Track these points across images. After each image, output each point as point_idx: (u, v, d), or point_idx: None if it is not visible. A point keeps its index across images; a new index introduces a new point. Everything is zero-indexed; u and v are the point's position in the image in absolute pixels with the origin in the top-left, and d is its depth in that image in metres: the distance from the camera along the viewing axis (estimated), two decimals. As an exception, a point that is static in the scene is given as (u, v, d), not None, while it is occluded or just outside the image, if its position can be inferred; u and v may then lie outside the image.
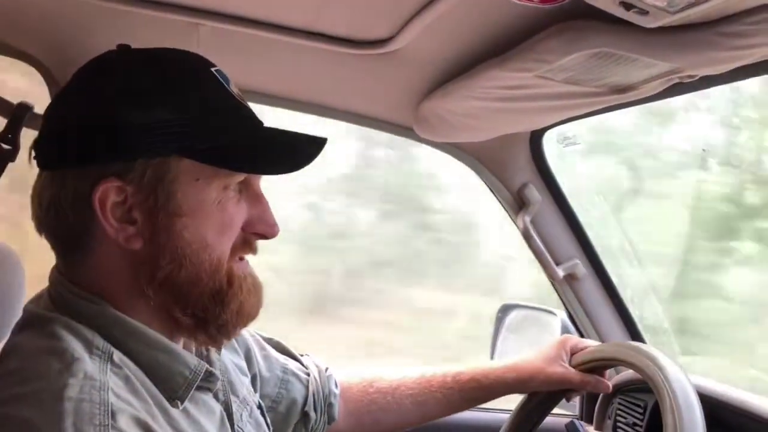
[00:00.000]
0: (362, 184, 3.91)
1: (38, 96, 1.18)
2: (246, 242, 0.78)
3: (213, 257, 0.73)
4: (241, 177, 0.75)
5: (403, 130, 1.38)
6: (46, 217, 0.73)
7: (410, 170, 3.89)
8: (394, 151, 3.67)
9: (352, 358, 3.35)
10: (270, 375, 1.03)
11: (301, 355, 1.13)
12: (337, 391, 1.11)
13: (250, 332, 1.04)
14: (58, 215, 0.72)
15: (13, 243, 0.95)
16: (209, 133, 0.73)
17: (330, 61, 1.16)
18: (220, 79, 0.76)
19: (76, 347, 0.67)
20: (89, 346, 0.67)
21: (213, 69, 0.77)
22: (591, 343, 1.18)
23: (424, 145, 1.44)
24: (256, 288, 0.79)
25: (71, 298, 0.72)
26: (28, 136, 1.06)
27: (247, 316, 0.78)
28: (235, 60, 1.19)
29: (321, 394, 1.08)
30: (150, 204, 0.71)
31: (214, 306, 0.75)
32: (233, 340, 0.96)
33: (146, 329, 0.73)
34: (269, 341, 1.08)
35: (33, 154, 0.75)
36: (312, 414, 1.06)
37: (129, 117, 0.70)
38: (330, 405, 1.09)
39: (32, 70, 1.20)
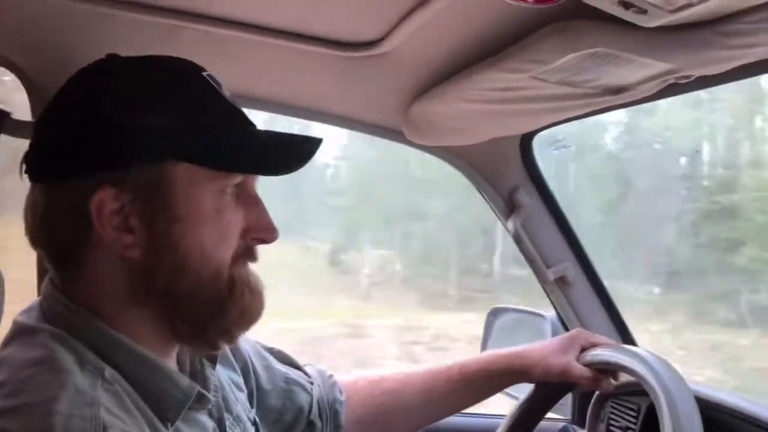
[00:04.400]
0: None
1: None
2: (247, 250, 0.76)
3: (212, 266, 0.72)
4: (237, 179, 0.74)
5: (392, 134, 1.36)
6: (40, 230, 0.72)
7: None
8: None
9: None
10: (272, 387, 1.01)
11: (304, 365, 1.11)
12: (342, 398, 1.09)
13: (250, 343, 1.02)
14: (52, 227, 0.71)
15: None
16: (202, 135, 0.71)
17: (318, 64, 1.13)
18: (212, 83, 0.76)
19: (67, 360, 0.65)
20: (81, 361, 0.66)
21: (204, 73, 0.76)
22: (602, 340, 1.15)
23: None
24: (258, 292, 0.77)
25: (63, 310, 0.71)
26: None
27: (248, 320, 0.77)
28: (221, 64, 1.14)
29: (326, 401, 1.07)
30: (147, 211, 0.70)
31: (215, 313, 0.74)
32: (230, 355, 0.95)
33: (134, 345, 0.71)
34: (270, 351, 1.07)
35: (24, 167, 0.73)
36: (317, 422, 1.04)
37: (121, 124, 0.69)
38: (336, 412, 1.08)
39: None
